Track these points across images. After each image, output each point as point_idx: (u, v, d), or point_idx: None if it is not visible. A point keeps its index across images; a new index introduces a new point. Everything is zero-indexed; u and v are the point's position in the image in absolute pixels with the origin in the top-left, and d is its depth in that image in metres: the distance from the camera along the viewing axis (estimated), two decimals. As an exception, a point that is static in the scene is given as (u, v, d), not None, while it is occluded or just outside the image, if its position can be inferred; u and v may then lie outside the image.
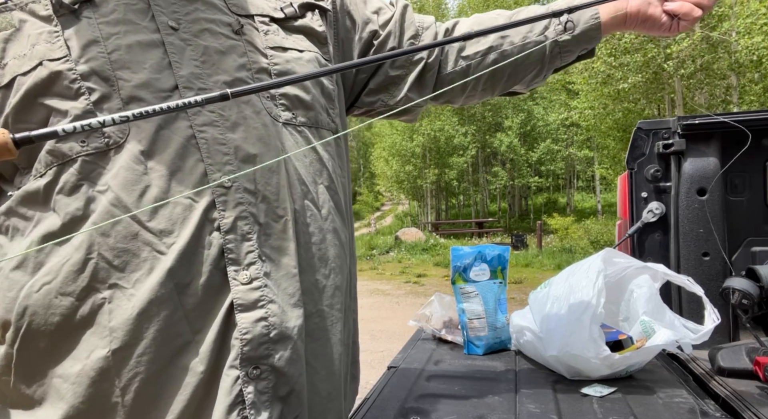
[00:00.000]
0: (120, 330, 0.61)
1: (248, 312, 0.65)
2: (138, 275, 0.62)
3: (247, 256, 0.66)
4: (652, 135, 1.70)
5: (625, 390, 1.19)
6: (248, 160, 0.69)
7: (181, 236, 0.63)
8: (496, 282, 1.53)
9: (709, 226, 1.59)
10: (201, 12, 0.72)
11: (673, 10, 0.83)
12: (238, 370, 0.64)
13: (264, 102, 0.74)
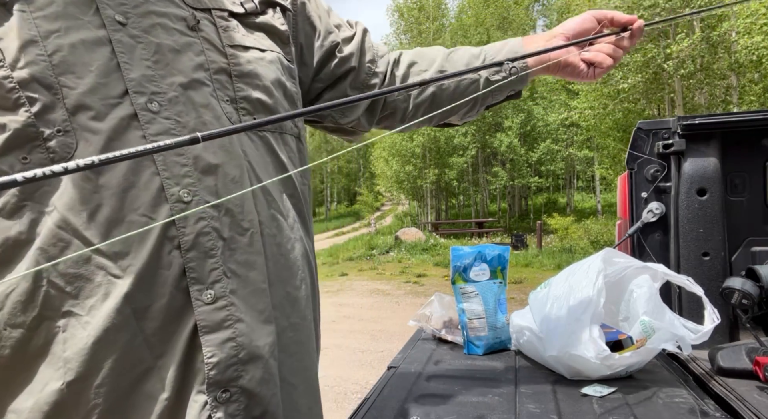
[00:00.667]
0: (75, 361, 0.56)
1: (214, 333, 0.61)
2: (93, 301, 0.57)
3: (210, 274, 0.62)
4: (652, 135, 1.70)
5: (625, 390, 1.19)
6: (209, 171, 0.64)
7: (137, 258, 0.58)
8: (496, 282, 1.53)
9: (709, 226, 1.59)
10: (151, 4, 0.65)
11: (589, 59, 0.92)
12: (205, 395, 0.61)
13: (224, 105, 0.68)
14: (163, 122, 0.62)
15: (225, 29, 0.71)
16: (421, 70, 0.96)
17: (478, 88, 0.96)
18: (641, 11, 12.29)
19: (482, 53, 0.96)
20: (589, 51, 0.93)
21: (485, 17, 26.61)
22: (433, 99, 0.97)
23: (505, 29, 26.26)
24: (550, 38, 0.95)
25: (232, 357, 0.62)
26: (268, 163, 0.73)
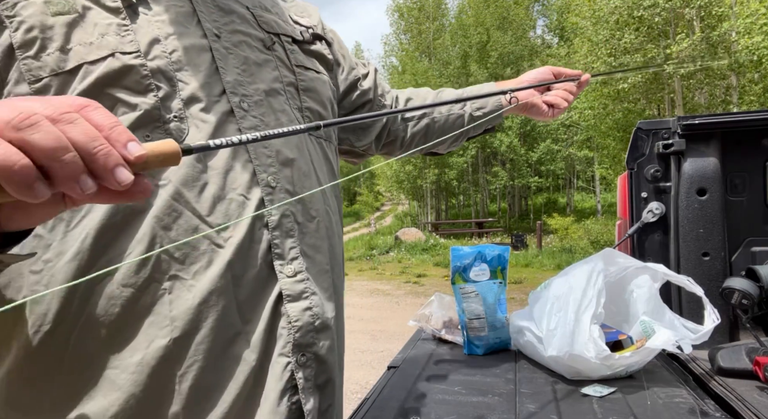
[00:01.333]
0: (181, 319, 0.62)
1: (296, 302, 0.70)
2: (197, 267, 0.64)
3: (290, 252, 0.71)
4: (652, 135, 1.70)
5: (625, 390, 1.19)
6: (287, 163, 0.74)
7: (237, 231, 0.67)
8: (496, 282, 1.53)
9: (709, 226, 1.59)
10: (237, 24, 0.76)
11: (549, 101, 1.15)
12: (287, 357, 0.68)
13: (294, 112, 0.80)
14: (251, 119, 0.72)
15: (291, 52, 0.84)
16: (415, 105, 1.14)
17: (463, 122, 1.16)
18: (641, 11, 12.30)
19: (464, 93, 1.16)
20: (549, 95, 1.15)
21: (485, 17, 26.61)
22: (427, 130, 1.15)
23: (505, 29, 26.26)
24: (517, 84, 1.15)
25: (310, 324, 0.70)
26: (323, 165, 0.85)
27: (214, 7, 0.75)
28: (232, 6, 0.77)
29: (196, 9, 0.72)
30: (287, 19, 0.88)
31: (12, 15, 0.60)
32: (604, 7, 12.89)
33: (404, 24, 29.60)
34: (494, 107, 1.15)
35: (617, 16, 12.75)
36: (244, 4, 0.80)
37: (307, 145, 0.80)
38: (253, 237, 0.68)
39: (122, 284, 0.61)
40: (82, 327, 0.61)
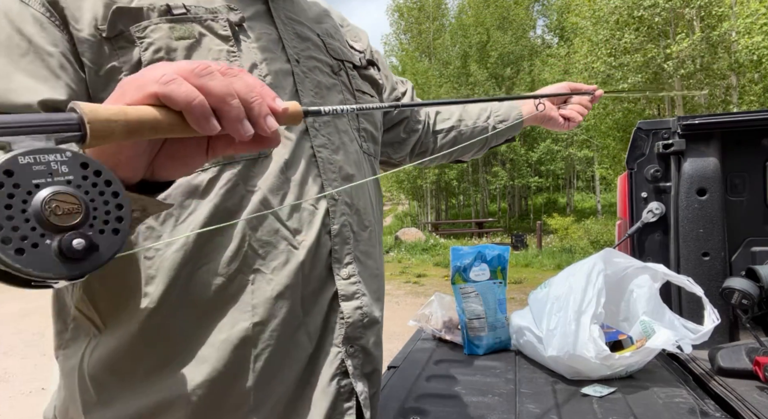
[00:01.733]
0: (260, 308, 0.72)
1: (349, 301, 0.80)
2: (276, 263, 0.73)
3: (346, 257, 0.81)
4: (652, 135, 1.70)
5: (624, 390, 1.19)
6: (347, 179, 0.83)
7: (308, 235, 0.76)
8: (496, 282, 1.53)
9: (709, 226, 1.59)
10: (311, 51, 0.84)
11: (565, 115, 1.24)
12: (338, 348, 0.78)
13: (353, 133, 0.88)
14: (321, 138, 0.80)
15: (353, 77, 0.92)
16: (444, 117, 1.25)
17: (487, 132, 1.25)
18: (641, 11, 12.30)
19: (488, 107, 1.26)
20: (565, 109, 1.25)
21: (485, 17, 26.60)
22: (454, 141, 1.25)
23: (505, 29, 26.25)
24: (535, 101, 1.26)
25: (359, 320, 0.80)
26: (374, 183, 0.94)
27: (294, 35, 0.83)
28: (307, 34, 0.85)
29: (281, 36, 0.80)
30: (346, 44, 0.96)
31: (143, 36, 0.69)
32: (604, 7, 12.88)
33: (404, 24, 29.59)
34: (515, 119, 1.27)
35: (617, 16, 12.76)
36: (315, 32, 0.88)
37: (363, 162, 0.89)
38: (319, 242, 0.77)
39: (215, 273, 0.70)
40: (180, 308, 0.70)
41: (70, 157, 0.37)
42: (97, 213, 0.38)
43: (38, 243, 0.35)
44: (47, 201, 0.36)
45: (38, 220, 0.35)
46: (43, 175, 0.36)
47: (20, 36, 0.66)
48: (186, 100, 0.44)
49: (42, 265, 0.35)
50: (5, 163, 0.35)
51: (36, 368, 4.75)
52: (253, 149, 0.51)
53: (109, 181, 0.39)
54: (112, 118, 0.41)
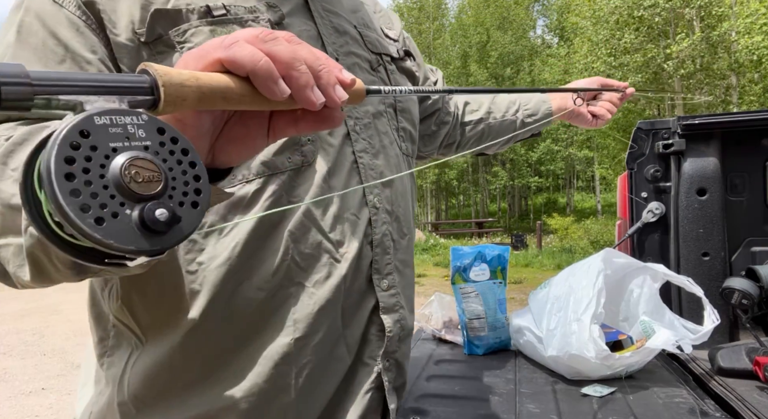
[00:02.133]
0: (302, 322, 0.70)
1: (389, 314, 0.78)
2: (318, 277, 0.71)
3: (386, 267, 0.79)
4: (652, 135, 1.70)
5: (624, 390, 1.19)
6: (387, 184, 0.80)
7: (351, 248, 0.74)
8: (496, 282, 1.53)
9: (708, 226, 1.59)
10: (350, 46, 0.81)
11: (593, 112, 1.21)
12: (375, 361, 0.77)
13: (393, 133, 0.85)
14: (361, 142, 0.78)
15: (392, 72, 0.88)
16: (473, 109, 1.21)
17: (515, 127, 1.22)
18: (641, 11, 12.30)
19: (517, 99, 1.23)
20: (595, 105, 1.21)
21: (485, 17, 26.61)
22: (482, 134, 1.22)
23: (505, 29, 26.25)
24: (564, 96, 1.24)
25: (397, 334, 0.78)
26: (410, 181, 0.91)
27: (332, 29, 0.79)
28: (345, 27, 0.81)
29: (320, 32, 0.76)
30: (382, 33, 0.91)
31: (183, 41, 0.66)
32: (604, 7, 12.89)
33: (404, 24, 29.58)
34: (544, 114, 1.23)
35: (617, 16, 12.76)
36: (352, 23, 0.84)
37: (402, 166, 0.86)
38: (361, 253, 0.75)
39: (258, 287, 0.68)
40: (222, 323, 0.68)
41: (146, 121, 0.34)
42: (175, 183, 0.34)
43: (118, 213, 0.31)
44: (126, 166, 0.32)
45: (118, 187, 0.31)
46: (120, 139, 0.32)
47: (55, 40, 0.62)
48: (252, 61, 0.40)
49: (123, 237, 0.31)
50: (81, 122, 0.31)
51: (36, 368, 4.75)
52: (318, 127, 0.47)
53: (185, 150, 0.35)
54: (186, 83, 0.37)
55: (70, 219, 0.29)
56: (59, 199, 0.29)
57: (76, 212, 0.29)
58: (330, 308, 0.72)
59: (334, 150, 0.74)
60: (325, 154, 0.73)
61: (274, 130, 0.47)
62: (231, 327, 0.68)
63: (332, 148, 0.74)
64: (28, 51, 0.61)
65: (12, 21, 0.63)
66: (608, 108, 1.21)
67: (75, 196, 0.30)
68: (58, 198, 0.29)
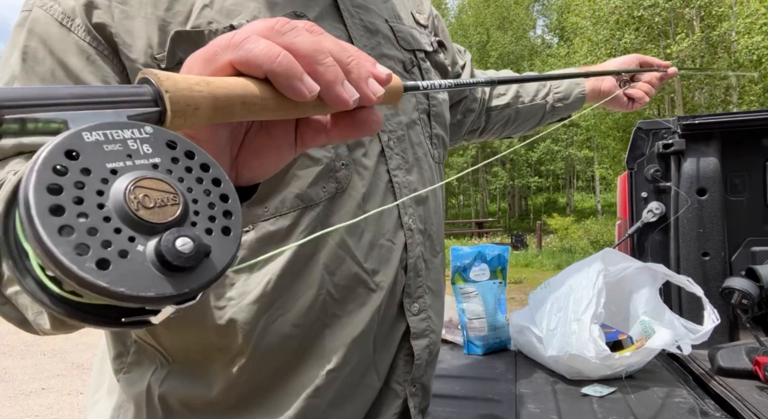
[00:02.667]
0: (335, 354, 0.67)
1: (420, 339, 0.75)
2: (352, 306, 0.68)
3: (417, 290, 0.75)
4: (652, 135, 1.70)
5: (625, 390, 1.19)
6: (420, 202, 0.76)
7: (386, 275, 0.70)
8: (496, 282, 1.53)
9: (708, 226, 1.59)
10: (382, 46, 0.74)
11: (630, 94, 1.12)
12: (402, 386, 0.74)
13: (426, 142, 0.79)
14: (395, 158, 0.72)
15: (426, 71, 0.81)
16: (500, 93, 1.12)
17: (544, 111, 1.15)
18: (641, 11, 12.30)
19: (548, 83, 1.15)
20: (632, 87, 1.12)
21: (485, 17, 26.61)
22: (508, 119, 1.14)
23: (505, 29, 26.25)
24: (599, 77, 1.14)
25: (425, 359, 0.76)
26: (440, 192, 0.85)
27: (363, 29, 0.72)
28: (376, 24, 0.74)
29: (350, 35, 0.70)
30: (413, 20, 0.84)
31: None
32: (604, 6, 12.88)
33: (404, 24, 29.55)
34: (576, 98, 1.14)
35: (617, 16, 12.76)
36: (383, 17, 0.76)
37: (435, 179, 0.81)
38: (396, 279, 0.71)
39: (293, 324, 0.65)
40: (255, 361, 0.65)
41: (151, 134, 0.27)
42: (198, 206, 0.27)
43: (128, 251, 0.24)
44: (132, 190, 0.25)
45: (123, 218, 0.24)
46: (120, 157, 0.26)
47: (65, 71, 0.56)
48: (268, 58, 0.33)
49: (137, 281, 0.24)
50: (66, 140, 0.24)
51: (36, 368, 4.75)
52: (352, 133, 0.39)
53: (205, 165, 0.28)
54: (195, 88, 0.31)
55: (62, 266, 0.22)
56: (44, 240, 0.22)
57: (69, 255, 0.22)
58: (363, 338, 0.69)
59: (369, 173, 0.69)
60: (359, 178, 0.68)
61: (303, 138, 0.40)
62: (263, 364, 0.65)
63: (367, 170, 0.69)
64: (35, 82, 0.56)
65: (15, 42, 0.59)
66: (646, 90, 1.12)
67: (66, 235, 0.23)
68: (43, 239, 0.22)
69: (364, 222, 0.68)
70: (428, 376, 0.78)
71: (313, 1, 0.68)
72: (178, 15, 0.59)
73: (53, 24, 0.57)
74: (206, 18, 0.59)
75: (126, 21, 0.57)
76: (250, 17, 0.61)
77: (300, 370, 0.66)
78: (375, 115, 0.39)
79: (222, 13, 0.60)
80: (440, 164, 0.86)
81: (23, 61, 0.57)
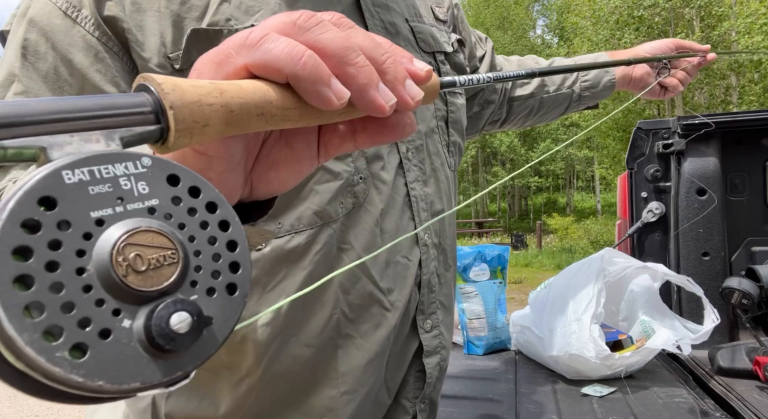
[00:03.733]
0: (350, 376, 0.65)
1: (431, 357, 0.73)
2: (366, 327, 0.66)
3: (430, 306, 0.73)
4: (652, 135, 1.70)
5: (624, 390, 1.19)
6: (436, 215, 0.73)
7: (402, 294, 0.68)
8: (496, 282, 1.53)
9: (708, 226, 1.59)
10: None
11: (664, 83, 1.04)
12: (411, 402, 0.73)
13: (443, 151, 0.76)
14: (413, 170, 0.69)
15: (445, 75, 0.77)
16: (523, 82, 1.06)
17: (570, 100, 1.09)
18: (641, 11, 12.30)
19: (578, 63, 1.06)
20: (667, 76, 1.04)
21: (485, 17, 26.60)
22: (531, 109, 1.08)
23: (505, 29, 26.25)
24: (634, 56, 1.04)
25: (436, 376, 0.74)
26: (453, 200, 0.82)
27: (383, 31, 0.68)
28: (397, 25, 0.70)
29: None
30: (432, 17, 0.80)
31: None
32: (604, 6, 12.89)
33: (404, 24, 29.56)
34: (605, 87, 1.07)
35: (617, 16, 12.76)
36: (403, 15, 0.72)
37: (450, 191, 0.78)
38: (410, 298, 0.69)
39: (306, 344, 0.63)
40: (266, 383, 0.63)
41: (149, 167, 0.22)
42: (201, 260, 0.22)
43: (110, 329, 0.19)
44: (121, 249, 0.20)
45: (107, 285, 0.20)
46: (108, 202, 0.21)
47: (69, 69, 0.51)
48: (291, 60, 0.28)
49: (120, 370, 0.19)
50: (40, 185, 0.19)
51: (36, 368, 4.75)
52: (382, 138, 0.34)
53: (212, 204, 0.24)
54: (205, 99, 0.25)
55: (26, 357, 0.18)
56: (4, 325, 0.17)
57: (36, 344, 0.18)
58: (378, 360, 0.67)
59: (388, 187, 0.65)
60: (377, 193, 0.65)
61: (326, 146, 0.35)
62: (274, 387, 0.63)
63: (385, 184, 0.65)
64: (36, 80, 0.51)
65: (14, 34, 0.53)
66: (682, 78, 1.04)
67: (34, 315, 0.18)
68: (2, 323, 0.17)
69: (381, 239, 0.65)
70: (437, 391, 0.77)
71: (336, 1, 0.64)
72: (193, 9, 0.54)
73: (56, 14, 0.51)
74: (224, 14, 0.54)
75: (137, 14, 0.52)
76: (270, 14, 0.56)
77: (313, 390, 0.64)
78: (409, 117, 0.34)
79: (241, 9, 0.56)
80: (455, 172, 0.83)
81: (23, 56, 0.51)
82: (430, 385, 0.74)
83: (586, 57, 1.12)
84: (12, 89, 0.51)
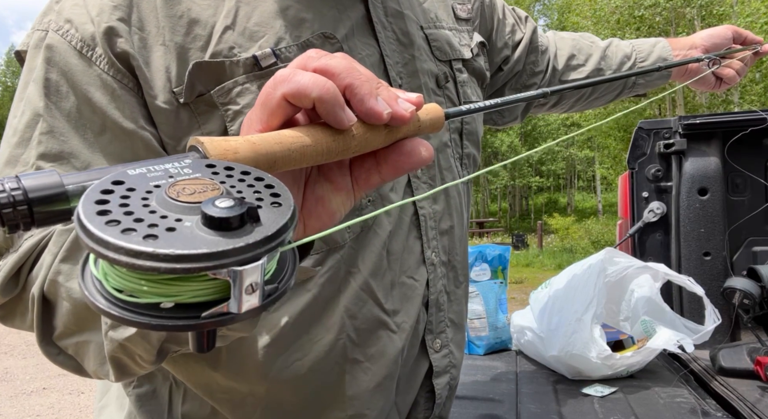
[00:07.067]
0: (357, 400, 0.64)
1: (440, 377, 0.73)
2: (372, 350, 0.65)
3: (439, 325, 0.72)
4: (653, 134, 1.70)
5: (625, 390, 1.19)
6: (445, 233, 0.72)
7: (408, 316, 0.67)
8: (497, 282, 1.53)
9: (710, 226, 1.59)
10: (416, 60, 0.70)
11: (720, 74, 1.01)
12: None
13: (456, 165, 0.75)
14: (423, 187, 0.68)
15: (462, 84, 0.76)
16: (578, 64, 1.01)
17: (624, 86, 1.05)
18: (642, 11, 12.29)
19: (633, 53, 1.03)
20: (722, 68, 1.00)
21: (486, 17, 26.58)
22: (582, 95, 1.04)
23: (505, 29, 26.24)
24: (691, 46, 1.02)
25: (445, 395, 0.74)
26: (465, 215, 0.79)
27: (395, 43, 0.68)
28: (410, 35, 0.70)
29: (383, 53, 0.66)
30: (453, 20, 0.78)
31: (227, 102, 0.56)
32: (605, 6, 12.88)
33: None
34: (660, 75, 1.04)
35: (618, 16, 12.75)
36: (418, 23, 0.72)
37: (462, 206, 0.76)
38: (418, 318, 0.69)
39: (310, 369, 0.62)
40: (265, 408, 0.62)
41: (191, 162, 0.30)
42: (244, 195, 0.28)
43: (174, 227, 0.25)
44: (172, 184, 0.27)
45: (166, 206, 0.26)
46: (161, 178, 0.28)
47: (90, 107, 0.53)
48: (316, 85, 0.35)
49: (187, 243, 0.24)
50: (110, 176, 0.27)
51: (37, 368, 4.75)
52: (402, 166, 0.39)
53: (247, 171, 0.30)
54: (240, 155, 0.32)
55: (109, 243, 0.23)
56: (92, 231, 0.23)
57: (115, 236, 0.23)
58: (386, 384, 0.66)
59: (396, 210, 0.66)
60: (386, 214, 0.65)
61: (358, 181, 0.41)
62: (282, 406, 0.63)
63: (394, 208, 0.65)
64: (60, 119, 0.53)
65: (31, 69, 0.55)
66: (738, 69, 1.01)
67: (113, 225, 0.24)
68: (91, 230, 0.23)
69: (387, 261, 0.65)
70: (447, 409, 0.76)
71: (345, 15, 0.63)
72: (197, 39, 0.55)
73: (72, 54, 0.53)
74: (227, 43, 0.56)
75: (144, 51, 0.54)
76: (275, 39, 0.58)
77: (321, 415, 0.64)
78: (423, 143, 0.40)
79: (245, 35, 0.57)
80: (469, 185, 0.81)
81: (46, 96, 0.53)
82: (439, 405, 0.73)
83: (646, 41, 1.08)
84: (38, 128, 0.53)
